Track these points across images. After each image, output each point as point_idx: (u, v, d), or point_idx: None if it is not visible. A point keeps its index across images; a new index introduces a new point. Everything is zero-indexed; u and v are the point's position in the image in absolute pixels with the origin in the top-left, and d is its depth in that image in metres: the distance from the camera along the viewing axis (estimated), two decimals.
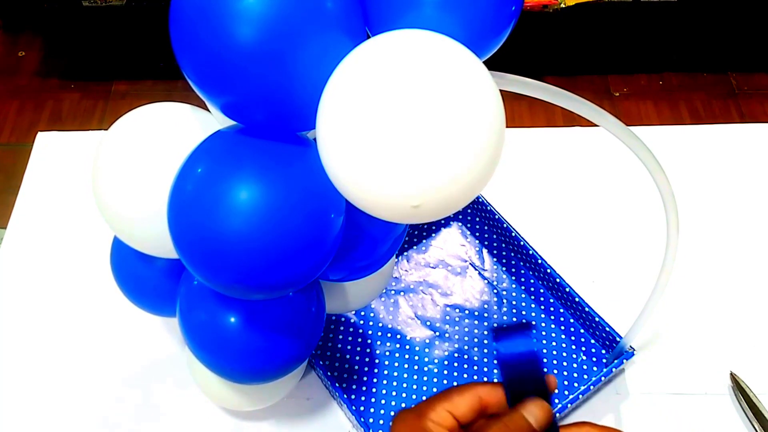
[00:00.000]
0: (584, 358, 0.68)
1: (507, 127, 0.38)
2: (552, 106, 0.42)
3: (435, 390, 0.66)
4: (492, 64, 0.39)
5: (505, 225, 0.72)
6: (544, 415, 0.40)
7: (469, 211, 0.77)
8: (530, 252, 0.70)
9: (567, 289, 0.68)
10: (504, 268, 0.74)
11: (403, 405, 0.65)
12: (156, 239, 0.45)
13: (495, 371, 0.67)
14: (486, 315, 0.71)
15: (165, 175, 0.43)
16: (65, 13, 1.63)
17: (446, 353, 0.68)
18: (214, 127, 0.44)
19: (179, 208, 0.40)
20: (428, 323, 0.70)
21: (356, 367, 0.67)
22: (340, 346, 0.69)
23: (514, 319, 0.70)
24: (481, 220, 0.77)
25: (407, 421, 0.42)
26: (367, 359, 0.68)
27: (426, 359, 0.68)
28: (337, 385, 0.63)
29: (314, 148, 0.40)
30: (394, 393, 0.66)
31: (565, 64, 1.77)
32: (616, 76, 1.82)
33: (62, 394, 0.66)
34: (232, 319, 0.48)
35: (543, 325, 0.70)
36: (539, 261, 0.70)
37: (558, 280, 0.68)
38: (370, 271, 0.54)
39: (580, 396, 0.62)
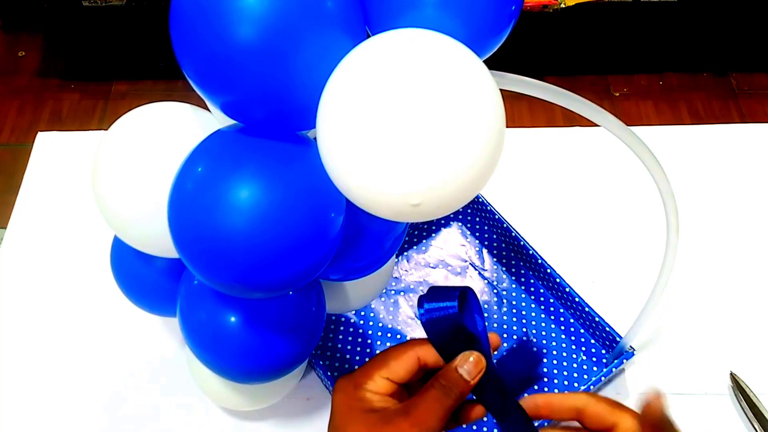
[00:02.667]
0: (584, 358, 0.68)
1: (507, 127, 0.38)
2: (552, 106, 0.42)
3: None
4: (492, 64, 0.39)
5: (505, 225, 0.72)
6: (476, 367, 0.41)
7: (469, 211, 0.77)
8: (530, 252, 0.70)
9: (567, 289, 0.68)
10: (504, 268, 0.74)
11: None
12: (156, 238, 0.45)
13: None
14: (486, 315, 0.71)
15: (165, 175, 0.43)
16: (65, 13, 1.63)
17: None
18: (214, 126, 0.44)
19: (179, 207, 0.40)
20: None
21: (356, 367, 0.67)
22: (340, 346, 0.69)
23: (514, 319, 0.70)
24: (481, 220, 0.77)
25: (345, 391, 0.42)
26: (367, 359, 0.68)
27: None
28: None
29: (314, 147, 0.40)
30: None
31: (565, 64, 1.77)
32: (616, 76, 1.82)
33: (62, 394, 0.66)
34: (233, 319, 0.48)
35: (543, 325, 0.70)
36: (539, 261, 0.70)
37: (558, 280, 0.68)
38: (370, 270, 0.54)
39: None
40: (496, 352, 0.43)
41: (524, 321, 0.70)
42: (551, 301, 0.71)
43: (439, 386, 0.41)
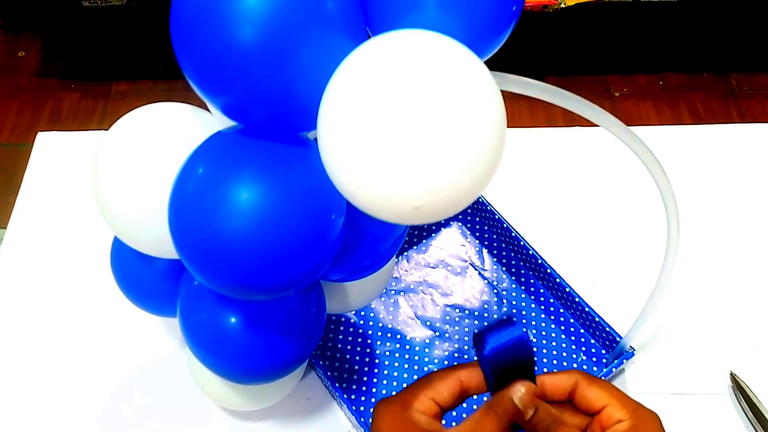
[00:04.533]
0: (584, 358, 0.68)
1: (507, 127, 0.38)
2: (552, 106, 0.42)
3: None
4: (492, 65, 0.39)
5: (505, 225, 0.72)
6: (530, 397, 0.41)
7: (469, 211, 0.77)
8: (530, 252, 0.70)
9: (567, 289, 0.68)
10: (504, 268, 0.74)
11: None
12: (156, 239, 0.45)
13: None
14: (486, 315, 0.71)
15: (166, 176, 0.43)
16: (65, 13, 1.63)
17: (446, 353, 0.68)
18: (215, 127, 0.44)
19: (180, 208, 0.40)
20: (428, 323, 0.70)
21: (356, 367, 0.67)
22: (340, 346, 0.69)
23: (514, 319, 0.70)
24: (481, 220, 0.77)
25: (392, 413, 0.42)
26: (367, 359, 0.68)
27: (426, 359, 0.68)
28: (337, 385, 0.63)
29: (315, 148, 0.40)
30: (394, 393, 0.66)
31: (565, 64, 1.77)
32: (616, 76, 1.82)
33: (62, 394, 0.66)
34: (233, 320, 0.48)
35: (543, 325, 0.70)
36: (539, 261, 0.70)
37: (558, 280, 0.68)
38: (371, 271, 0.54)
39: None
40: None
41: (524, 321, 0.70)
42: (551, 301, 0.71)
43: (493, 413, 0.41)
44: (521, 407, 0.41)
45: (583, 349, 0.68)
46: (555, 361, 0.68)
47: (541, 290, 0.72)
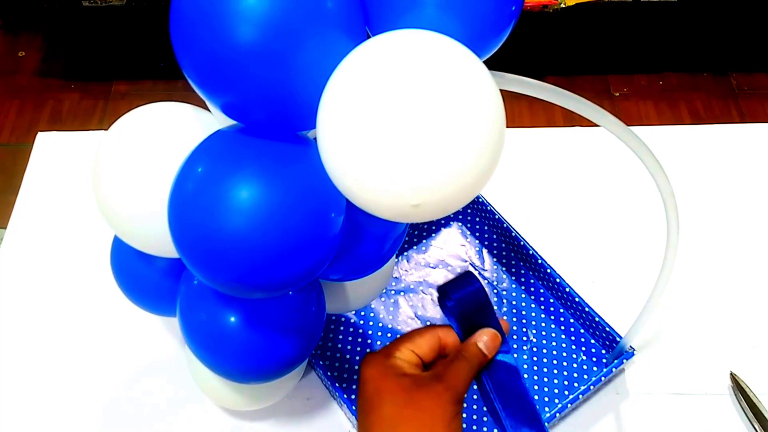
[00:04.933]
0: (584, 358, 0.68)
1: (507, 127, 0.38)
2: (552, 106, 0.42)
3: None
4: (492, 64, 0.39)
5: (505, 225, 0.72)
6: (493, 342, 0.48)
7: (469, 211, 0.77)
8: (530, 252, 0.70)
9: (567, 289, 0.68)
10: (504, 268, 0.74)
11: None
12: (156, 238, 0.45)
13: None
14: None
15: (166, 174, 0.43)
16: (65, 13, 1.63)
17: None
18: (215, 126, 0.45)
19: (180, 207, 0.40)
20: (428, 323, 0.70)
21: (356, 367, 0.67)
22: (340, 346, 0.69)
23: (514, 319, 0.70)
24: (481, 220, 0.77)
25: (376, 362, 0.47)
26: None
27: None
28: (337, 385, 0.63)
29: (314, 147, 0.40)
30: None
31: (565, 64, 1.78)
32: (616, 76, 1.82)
33: (62, 394, 0.66)
34: (233, 319, 0.48)
35: (543, 325, 0.70)
36: (539, 261, 0.70)
37: (558, 280, 0.68)
38: (371, 270, 0.54)
39: (580, 396, 0.62)
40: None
41: (524, 321, 0.70)
42: (551, 301, 0.71)
43: (463, 358, 0.47)
44: (486, 351, 0.48)
45: (583, 349, 0.68)
46: (555, 361, 0.68)
47: (541, 290, 0.72)
